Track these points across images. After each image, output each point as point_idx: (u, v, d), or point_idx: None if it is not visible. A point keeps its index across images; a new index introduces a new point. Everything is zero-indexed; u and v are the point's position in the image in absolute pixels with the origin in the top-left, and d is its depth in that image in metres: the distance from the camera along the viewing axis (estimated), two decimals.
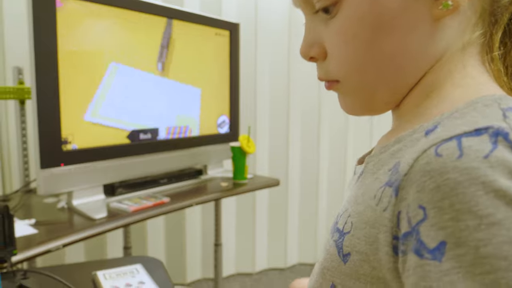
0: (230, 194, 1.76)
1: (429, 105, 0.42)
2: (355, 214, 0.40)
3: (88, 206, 1.44)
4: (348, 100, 0.48)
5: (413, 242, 0.32)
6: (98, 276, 1.00)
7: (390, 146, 0.42)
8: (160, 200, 1.52)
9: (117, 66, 1.53)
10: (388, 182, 0.37)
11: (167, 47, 1.70)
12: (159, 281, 0.98)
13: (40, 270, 1.02)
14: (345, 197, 0.52)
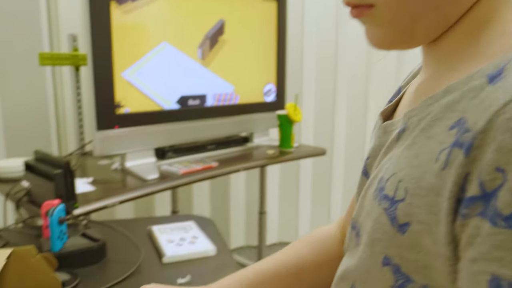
0: (276, 162, 1.77)
1: (483, 42, 0.36)
2: (409, 179, 0.35)
3: (140, 168, 1.49)
4: (381, 30, 0.40)
5: (485, 208, 0.28)
6: (154, 230, 1.04)
7: (439, 97, 0.36)
8: (209, 164, 1.55)
9: (166, 45, 1.55)
10: (456, 142, 0.32)
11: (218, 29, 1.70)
12: (211, 237, 1.01)
13: (101, 222, 1.07)
14: (370, 149, 0.48)
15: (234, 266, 0.90)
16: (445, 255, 0.32)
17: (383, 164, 0.42)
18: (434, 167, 0.33)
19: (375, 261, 0.39)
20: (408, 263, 0.36)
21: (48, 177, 1.11)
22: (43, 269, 0.65)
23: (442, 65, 0.40)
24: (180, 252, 0.92)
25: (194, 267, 0.89)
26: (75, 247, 0.90)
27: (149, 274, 0.86)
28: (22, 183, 1.36)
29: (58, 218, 0.88)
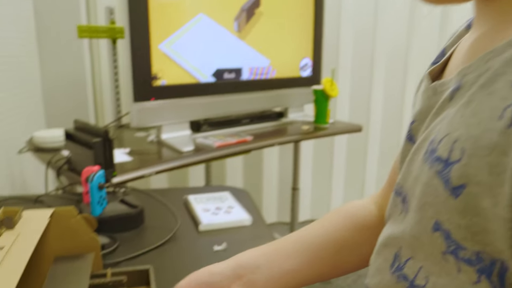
0: (310, 137, 1.75)
1: None
2: (467, 138, 0.33)
3: (175, 140, 1.50)
4: None
5: None
6: (190, 199, 1.05)
7: (500, 51, 0.34)
8: (243, 138, 1.54)
9: (202, 16, 1.54)
10: None
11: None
12: (247, 208, 1.01)
13: (139, 190, 1.09)
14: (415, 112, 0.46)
15: (270, 236, 0.90)
16: (506, 217, 0.30)
17: (434, 125, 0.40)
18: (498, 125, 0.31)
19: (425, 226, 0.37)
20: (460, 229, 0.33)
21: (87, 145, 1.13)
22: (83, 229, 0.66)
23: (501, 18, 0.38)
24: (216, 221, 0.93)
25: (230, 236, 0.89)
26: (114, 212, 0.91)
27: (186, 241, 0.87)
28: (62, 152, 1.39)
29: (98, 184, 0.89)
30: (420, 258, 0.39)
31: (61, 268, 0.61)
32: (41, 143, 1.50)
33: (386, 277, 0.44)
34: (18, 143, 1.73)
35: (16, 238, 0.55)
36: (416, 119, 0.45)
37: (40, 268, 0.67)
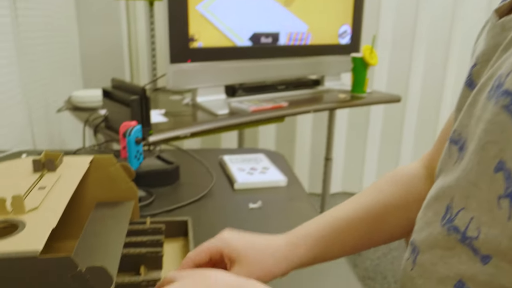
0: (347, 106, 1.70)
1: None
2: None
3: (210, 103, 1.49)
4: None
5: None
6: (225, 159, 1.04)
7: None
8: (279, 103, 1.52)
9: None
10: None
11: None
12: (282, 170, 0.99)
13: (174, 149, 1.09)
14: (478, 55, 0.43)
15: (305, 197, 0.88)
16: None
17: (502, 61, 0.38)
18: None
19: (486, 168, 0.35)
20: None
21: (124, 103, 1.13)
22: (121, 177, 0.66)
23: None
24: (251, 180, 0.91)
25: (265, 195, 0.88)
26: (151, 167, 0.91)
27: (221, 198, 0.86)
28: (99, 111, 1.41)
29: (135, 138, 0.89)
30: (472, 208, 0.37)
31: (100, 213, 0.62)
32: (79, 103, 1.52)
33: (435, 230, 0.41)
34: (57, 103, 1.76)
35: (57, 180, 0.55)
36: (479, 62, 0.43)
37: (80, 213, 0.67)
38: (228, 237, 0.50)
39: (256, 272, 0.48)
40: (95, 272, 0.40)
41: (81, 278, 0.39)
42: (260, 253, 0.49)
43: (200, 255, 0.49)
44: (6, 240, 0.40)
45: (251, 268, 0.48)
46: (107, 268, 0.40)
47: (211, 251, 0.49)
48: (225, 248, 0.49)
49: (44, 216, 0.45)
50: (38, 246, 0.39)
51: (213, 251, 0.49)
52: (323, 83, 1.87)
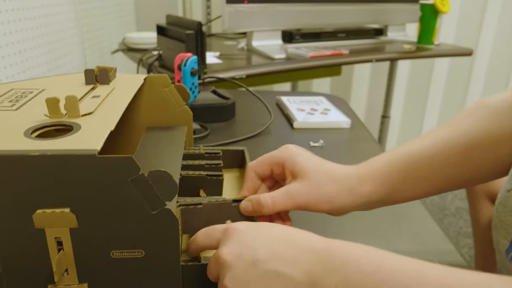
0: (412, 57, 1.57)
1: None
2: None
3: (266, 48, 1.42)
4: None
5: None
6: (283, 99, 0.98)
7: None
8: (339, 50, 1.42)
9: None
10: None
11: None
12: (345, 113, 0.92)
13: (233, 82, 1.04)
14: None
15: (372, 140, 0.80)
16: None
17: None
18: None
19: None
20: None
21: (179, 38, 1.08)
22: (175, 99, 0.61)
23: None
24: (311, 120, 0.85)
25: (327, 136, 0.81)
26: (206, 101, 0.87)
27: (280, 135, 0.81)
28: (152, 52, 1.37)
29: (191, 69, 0.85)
30: None
31: (153, 135, 0.58)
32: (132, 44, 1.49)
33: None
34: (111, 44, 1.75)
35: (111, 91, 0.51)
36: None
37: (130, 138, 0.64)
38: (293, 149, 0.45)
39: (316, 195, 0.43)
40: (158, 177, 0.35)
41: (143, 183, 0.35)
42: (324, 176, 0.43)
43: (261, 166, 0.45)
44: (61, 139, 0.36)
45: (312, 189, 0.43)
46: (172, 173, 0.36)
47: (274, 162, 0.45)
48: (288, 160, 0.44)
49: (100, 120, 0.41)
50: (97, 145, 0.35)
51: (276, 163, 0.45)
52: (386, 34, 1.74)
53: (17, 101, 0.47)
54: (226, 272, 0.33)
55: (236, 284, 0.32)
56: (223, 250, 0.34)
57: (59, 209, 0.35)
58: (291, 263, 0.31)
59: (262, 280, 0.31)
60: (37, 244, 0.36)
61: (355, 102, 2.27)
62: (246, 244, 0.33)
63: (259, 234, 0.34)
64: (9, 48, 1.11)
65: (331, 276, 0.29)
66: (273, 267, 0.31)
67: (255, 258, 0.32)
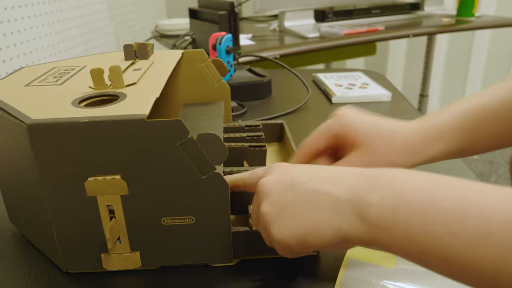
0: (452, 30, 1.51)
1: None
2: None
3: (299, 28, 1.40)
4: None
5: None
6: (319, 76, 0.96)
7: None
8: (374, 27, 1.38)
9: None
10: None
11: None
12: (384, 86, 0.89)
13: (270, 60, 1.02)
14: None
15: (415, 112, 0.78)
16: None
17: None
18: None
19: None
20: None
21: (212, 20, 1.08)
22: (213, 74, 0.61)
23: None
24: (350, 94, 0.83)
25: (367, 109, 0.78)
26: (242, 79, 0.86)
27: (319, 111, 0.79)
28: (185, 37, 1.37)
29: (226, 48, 0.84)
30: None
31: (192, 110, 0.57)
32: (165, 31, 1.50)
33: None
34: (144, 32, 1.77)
35: (151, 65, 0.51)
36: None
37: (171, 113, 0.64)
38: (349, 116, 0.40)
39: (381, 164, 0.39)
40: (207, 140, 0.35)
41: (192, 146, 0.34)
42: (388, 144, 0.39)
43: (318, 139, 0.41)
44: (108, 107, 0.36)
45: (376, 158, 0.39)
46: (220, 137, 0.35)
47: (329, 135, 0.40)
48: (346, 130, 0.40)
49: (145, 89, 0.41)
50: (144, 110, 0.34)
51: (333, 134, 0.40)
52: (422, 8, 1.68)
53: (61, 77, 0.48)
54: (263, 200, 0.32)
55: (272, 208, 0.31)
56: (263, 180, 0.33)
57: (110, 176, 0.35)
58: (332, 183, 0.30)
59: (300, 199, 0.30)
60: (89, 213, 0.37)
61: (391, 81, 2.21)
62: (286, 172, 0.33)
63: (301, 166, 0.33)
64: (47, 49, 1.14)
65: (377, 190, 0.27)
66: (311, 186, 0.30)
67: (293, 181, 0.31)
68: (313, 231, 0.29)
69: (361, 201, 0.28)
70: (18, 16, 1.02)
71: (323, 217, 0.29)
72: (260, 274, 0.39)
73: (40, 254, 0.42)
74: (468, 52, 2.16)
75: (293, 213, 0.30)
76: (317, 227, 0.29)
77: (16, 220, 0.45)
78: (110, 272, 0.39)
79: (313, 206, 0.29)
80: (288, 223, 0.30)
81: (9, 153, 0.39)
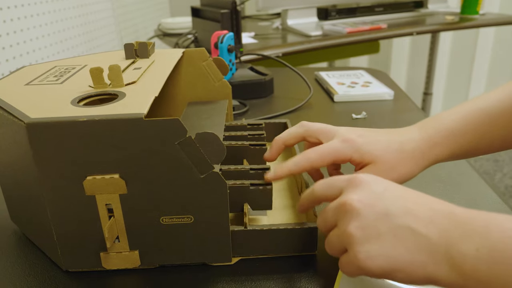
0: (455, 28, 1.50)
1: None
2: None
3: (302, 26, 1.40)
4: None
5: None
6: (321, 74, 0.96)
7: None
8: (377, 25, 1.38)
9: None
10: None
11: None
12: (387, 85, 0.89)
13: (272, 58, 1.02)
14: None
15: (417, 111, 0.77)
16: None
17: None
18: None
19: None
20: None
21: (214, 19, 1.08)
22: (214, 73, 0.61)
23: None
24: (353, 92, 0.82)
25: (370, 108, 0.78)
26: (244, 78, 0.86)
27: (321, 109, 0.79)
28: (187, 36, 1.37)
29: (228, 46, 0.84)
30: None
31: (194, 109, 0.57)
32: (167, 29, 1.50)
33: None
34: (148, 32, 1.77)
35: (151, 64, 0.51)
36: None
37: (173, 112, 0.64)
38: (358, 141, 0.41)
39: (394, 175, 0.40)
40: (205, 139, 0.35)
41: (190, 145, 0.34)
42: (398, 154, 0.41)
43: (322, 159, 0.41)
44: (107, 106, 0.36)
45: (389, 171, 0.40)
46: (219, 136, 0.35)
47: (337, 157, 0.41)
48: (355, 153, 0.41)
49: (144, 88, 0.41)
50: (143, 109, 0.34)
51: (339, 157, 0.41)
52: (426, 6, 1.67)
53: (61, 76, 0.48)
54: (352, 220, 0.31)
55: (365, 233, 0.30)
56: (352, 197, 0.32)
57: (108, 175, 0.35)
58: (426, 222, 0.29)
59: (394, 233, 0.29)
60: (88, 212, 0.37)
61: (395, 79, 2.20)
62: (377, 195, 0.31)
63: (388, 188, 0.32)
64: (50, 48, 1.14)
65: (472, 239, 0.27)
66: (407, 222, 0.29)
67: (388, 210, 0.30)
68: (405, 269, 0.29)
69: (456, 250, 0.27)
70: (21, 15, 1.03)
71: (419, 259, 0.28)
72: (259, 273, 0.38)
73: (40, 252, 0.43)
74: (472, 50, 2.15)
75: (387, 246, 0.29)
76: (410, 266, 0.29)
77: (17, 219, 0.46)
78: (109, 271, 0.39)
79: (409, 245, 0.29)
80: (380, 253, 0.29)
81: (9, 152, 0.39)
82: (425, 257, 0.28)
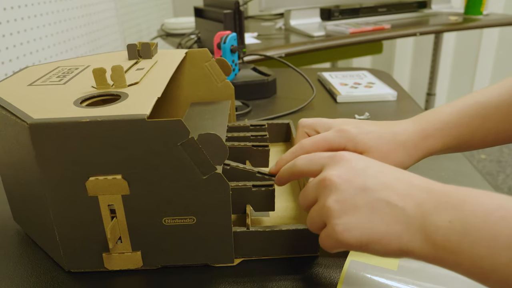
0: (459, 28, 1.50)
1: None
2: None
3: (305, 26, 1.39)
4: None
5: None
6: (324, 75, 0.95)
7: None
8: (380, 25, 1.37)
9: None
10: None
11: None
12: (390, 85, 0.89)
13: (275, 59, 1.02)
14: None
15: (419, 111, 0.77)
16: None
17: None
18: None
19: None
20: None
21: (217, 19, 1.08)
22: (217, 74, 0.61)
23: None
24: (356, 93, 0.82)
25: (372, 108, 0.78)
26: (247, 78, 0.86)
27: (324, 109, 0.79)
28: (190, 36, 1.37)
29: (231, 46, 0.84)
30: None
31: (197, 110, 0.57)
32: (170, 29, 1.50)
33: None
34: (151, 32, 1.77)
35: (154, 64, 0.51)
36: None
37: (176, 112, 0.64)
38: (352, 131, 0.41)
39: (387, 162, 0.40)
40: (208, 140, 0.35)
41: (193, 146, 0.34)
42: (391, 145, 0.41)
43: (317, 147, 0.41)
44: (110, 106, 0.36)
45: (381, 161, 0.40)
46: (222, 136, 0.35)
47: (331, 145, 0.41)
48: (349, 142, 0.41)
49: (147, 89, 0.41)
50: (145, 110, 0.34)
51: (333, 146, 0.41)
52: (429, 6, 1.67)
53: (64, 76, 0.48)
54: (331, 194, 0.31)
55: (343, 206, 0.31)
56: (331, 172, 0.32)
57: (111, 176, 0.35)
58: (403, 196, 0.30)
59: (371, 206, 0.30)
60: (91, 212, 0.37)
61: (398, 80, 2.20)
62: (357, 171, 0.32)
63: (369, 165, 0.33)
64: (53, 48, 1.14)
65: (446, 211, 0.27)
66: (384, 196, 0.30)
67: (366, 185, 0.31)
68: (380, 240, 0.29)
69: (430, 221, 0.28)
70: (24, 15, 1.03)
71: (394, 230, 0.29)
72: (261, 274, 0.38)
73: (43, 253, 0.43)
74: (475, 51, 2.14)
75: (364, 218, 0.30)
76: (386, 238, 0.29)
77: (20, 219, 0.46)
78: (112, 271, 0.39)
79: (385, 217, 0.29)
80: (357, 225, 0.30)
81: (12, 153, 0.39)
82: (400, 228, 0.29)
